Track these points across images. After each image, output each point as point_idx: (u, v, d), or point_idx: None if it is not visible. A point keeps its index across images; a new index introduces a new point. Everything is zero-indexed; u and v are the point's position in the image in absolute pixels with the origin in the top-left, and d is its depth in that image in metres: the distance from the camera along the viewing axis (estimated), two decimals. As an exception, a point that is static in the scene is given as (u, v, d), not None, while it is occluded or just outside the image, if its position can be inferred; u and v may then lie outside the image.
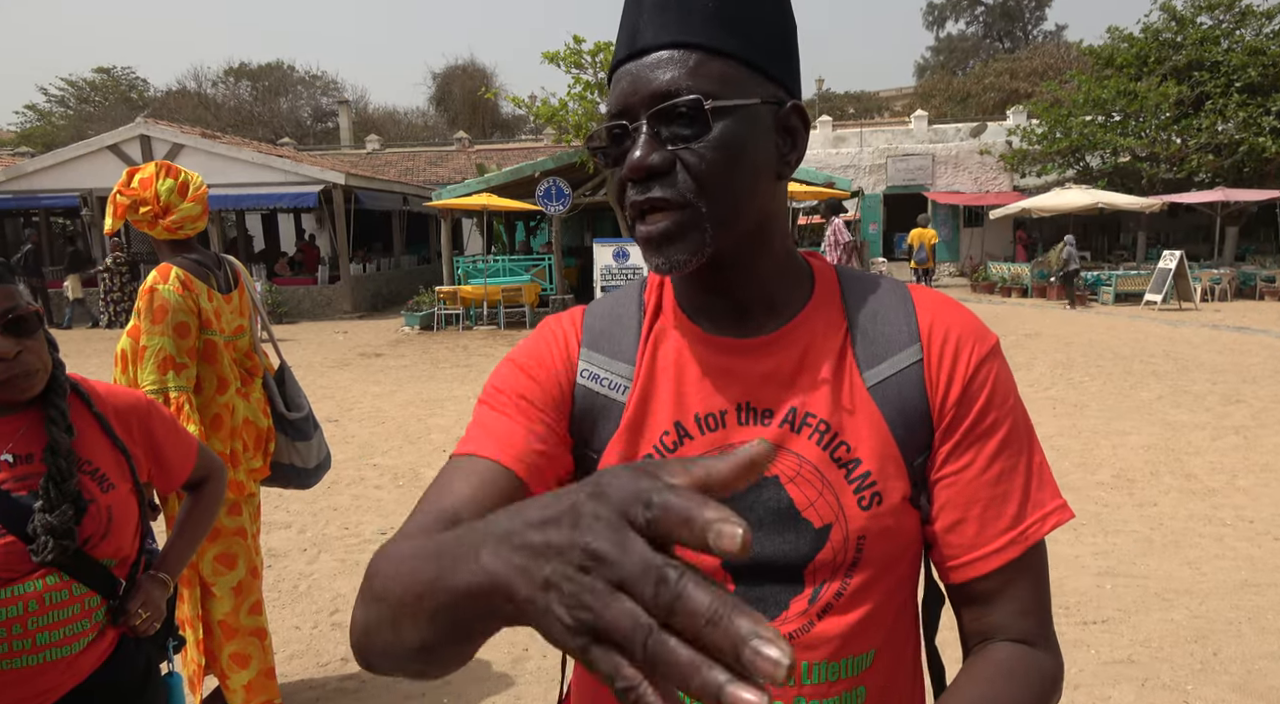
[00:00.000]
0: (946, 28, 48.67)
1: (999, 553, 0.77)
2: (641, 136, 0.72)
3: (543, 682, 3.05)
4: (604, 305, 0.91)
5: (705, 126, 0.72)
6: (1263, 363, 9.13)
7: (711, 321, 0.84)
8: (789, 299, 0.84)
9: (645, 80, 0.73)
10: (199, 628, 2.51)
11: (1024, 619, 0.78)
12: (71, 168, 17.13)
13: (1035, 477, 0.79)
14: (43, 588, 1.38)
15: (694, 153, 0.72)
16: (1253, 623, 3.32)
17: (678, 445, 0.80)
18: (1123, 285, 16.20)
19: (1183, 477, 5.25)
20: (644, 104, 0.73)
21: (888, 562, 0.79)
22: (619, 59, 0.76)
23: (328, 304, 17.18)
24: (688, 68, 0.72)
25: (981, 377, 0.79)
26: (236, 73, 39.35)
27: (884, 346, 0.81)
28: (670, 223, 0.73)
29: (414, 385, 9.14)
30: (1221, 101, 18.98)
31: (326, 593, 3.88)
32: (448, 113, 40.13)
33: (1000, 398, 0.79)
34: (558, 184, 14.10)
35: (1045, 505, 0.79)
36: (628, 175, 0.73)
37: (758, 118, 0.75)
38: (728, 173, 0.73)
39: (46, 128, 34.35)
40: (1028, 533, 0.77)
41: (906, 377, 0.79)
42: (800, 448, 0.78)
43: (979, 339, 0.81)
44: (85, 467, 1.46)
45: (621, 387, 0.84)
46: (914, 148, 25.09)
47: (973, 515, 0.77)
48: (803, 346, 0.81)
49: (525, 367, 0.85)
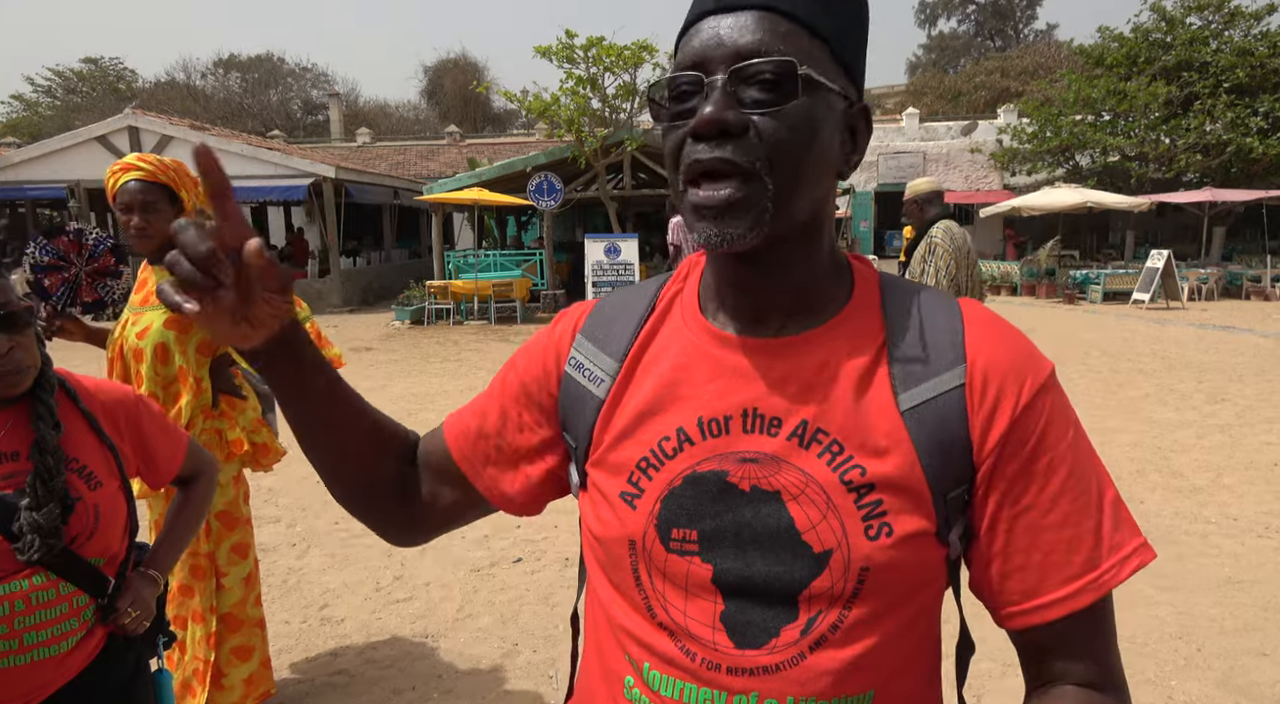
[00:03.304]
0: (938, 26, 48.82)
1: (1064, 601, 0.71)
2: (718, 92, 0.68)
3: (533, 676, 3.05)
4: (621, 294, 0.89)
5: (790, 95, 0.68)
6: (1248, 362, 9.21)
7: (731, 320, 0.79)
8: (823, 303, 0.78)
9: (732, 34, 0.69)
10: (211, 621, 2.48)
11: (1091, 665, 0.73)
12: (58, 159, 16.96)
13: (1109, 517, 0.72)
14: (29, 587, 1.37)
15: (773, 120, 0.68)
16: (1236, 619, 3.36)
17: (678, 451, 0.76)
18: (1111, 284, 16.31)
19: (1169, 474, 5.29)
20: (727, 59, 0.68)
21: (895, 597, 0.72)
22: (705, 9, 0.72)
23: (317, 298, 17.10)
24: (780, 33, 0.69)
25: (1035, 412, 0.72)
26: (226, 64, 39.09)
27: (926, 366, 0.73)
28: (734, 190, 0.68)
29: (404, 380, 9.11)
30: (1210, 102, 19.11)
31: (316, 587, 3.87)
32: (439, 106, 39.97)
33: (1057, 435, 0.72)
34: (549, 179, 14.07)
35: (1122, 548, 0.71)
36: (698, 128, 0.68)
37: (833, 105, 0.72)
38: (803, 149, 0.70)
39: (33, 118, 34.02)
40: (1102, 580, 0.71)
41: (947, 402, 0.72)
42: (807, 464, 0.72)
43: (1033, 370, 0.73)
44: (72, 464, 1.44)
45: (599, 380, 0.82)
46: (905, 145, 25.15)
47: (1034, 562, 0.71)
48: (826, 354, 0.75)
49: (523, 352, 0.93)
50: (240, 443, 2.51)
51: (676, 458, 0.76)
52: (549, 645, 3.27)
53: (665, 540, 0.75)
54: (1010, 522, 0.72)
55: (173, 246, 0.65)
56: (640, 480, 0.77)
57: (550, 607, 3.62)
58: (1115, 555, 0.71)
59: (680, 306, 0.84)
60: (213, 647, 2.49)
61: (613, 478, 0.79)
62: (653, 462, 0.77)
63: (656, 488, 0.76)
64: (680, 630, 0.74)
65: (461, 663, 3.18)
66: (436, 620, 3.53)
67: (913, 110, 25.98)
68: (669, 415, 0.78)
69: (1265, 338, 11.03)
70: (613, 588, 0.81)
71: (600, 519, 0.80)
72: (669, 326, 0.83)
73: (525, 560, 4.15)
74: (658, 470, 0.77)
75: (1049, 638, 0.73)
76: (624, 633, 0.79)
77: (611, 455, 0.80)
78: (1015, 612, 0.73)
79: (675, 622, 0.74)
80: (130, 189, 2.30)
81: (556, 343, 0.88)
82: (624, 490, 0.78)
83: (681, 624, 0.74)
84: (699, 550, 0.73)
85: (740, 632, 0.72)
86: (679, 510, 0.75)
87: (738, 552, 0.72)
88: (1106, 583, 0.71)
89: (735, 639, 0.72)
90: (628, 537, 0.77)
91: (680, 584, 0.74)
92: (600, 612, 0.83)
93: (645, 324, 0.83)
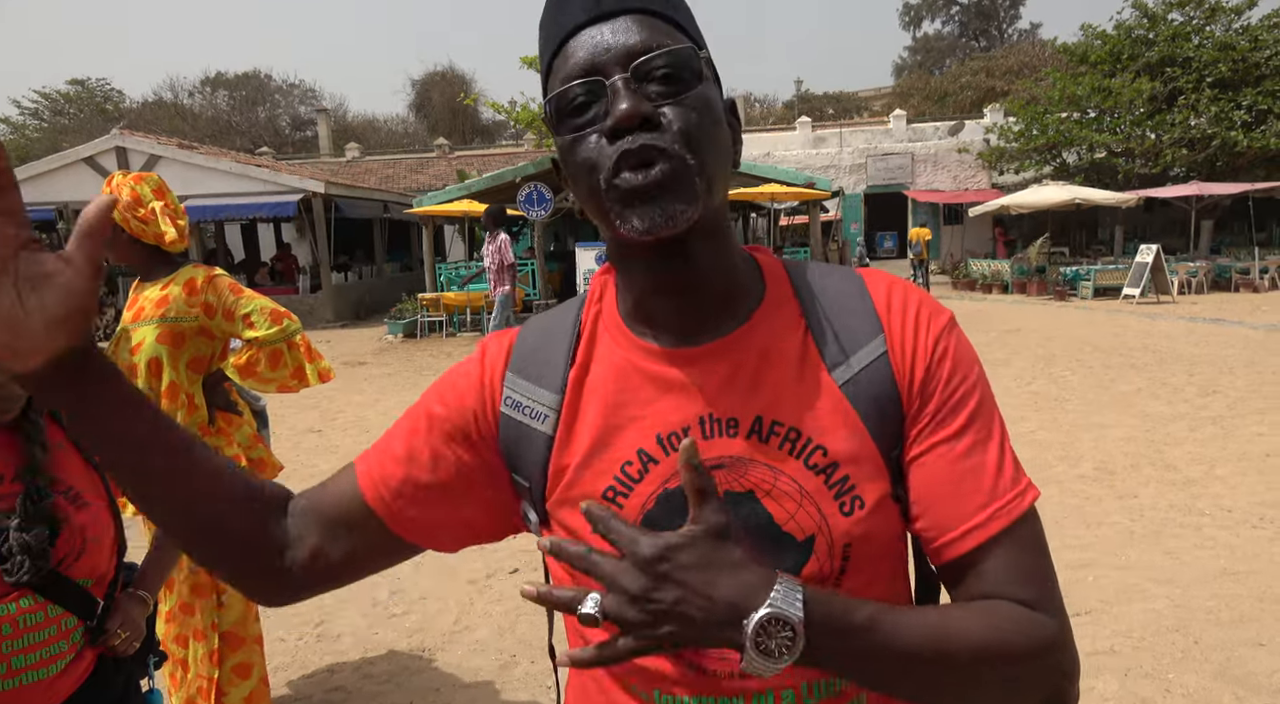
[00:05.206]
0: (923, 27, 49.14)
1: (981, 528, 0.72)
2: (626, 89, 0.69)
3: (530, 688, 3.04)
4: (539, 324, 0.87)
5: (690, 83, 0.72)
6: (1238, 354, 9.26)
7: (659, 331, 0.79)
8: (742, 299, 0.80)
9: (619, 37, 0.71)
10: (213, 638, 2.48)
11: (1022, 587, 0.71)
12: (46, 181, 16.94)
13: (1007, 452, 0.76)
14: (17, 611, 1.36)
15: (679, 107, 0.71)
16: (1232, 610, 3.37)
17: (644, 474, 0.76)
18: (1101, 280, 16.38)
19: (1162, 468, 5.31)
20: (621, 60, 0.70)
21: (876, 564, 0.76)
22: (578, 23, 0.73)
23: (310, 313, 17.07)
24: (662, 31, 0.72)
25: (941, 350, 0.76)
26: (213, 82, 39.11)
27: (849, 341, 0.77)
28: (667, 168, 0.69)
29: (398, 393, 9.09)
30: (1194, 96, 19.26)
31: (312, 604, 3.85)
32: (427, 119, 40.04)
33: (963, 374, 0.76)
34: (539, 189, 14.08)
35: (1020, 480, 0.75)
36: (620, 123, 0.69)
37: (717, 95, 0.76)
38: (712, 131, 0.73)
39: (20, 140, 33.92)
40: (1010, 507, 0.73)
41: (876, 369, 0.76)
42: (772, 459, 0.74)
43: (934, 314, 0.79)
44: (59, 487, 1.44)
45: (542, 416, 0.80)
46: (893, 147, 25.27)
47: (948, 493, 0.73)
48: (761, 349, 0.77)
49: (442, 389, 0.86)
50: (238, 459, 2.51)
51: (644, 480, 0.76)
52: (547, 656, 3.26)
53: None
54: (926, 455, 0.75)
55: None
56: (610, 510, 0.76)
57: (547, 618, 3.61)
58: (1016, 486, 0.74)
59: (605, 327, 0.83)
60: (216, 664, 2.49)
61: (579, 513, 0.77)
62: (620, 489, 0.76)
63: (630, 514, 0.75)
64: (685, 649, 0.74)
65: (459, 676, 3.17)
66: (433, 634, 3.52)
67: (900, 112, 26.13)
68: (625, 439, 0.77)
69: (1255, 330, 11.08)
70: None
71: None
72: (601, 349, 0.81)
73: (521, 570, 4.14)
74: (626, 497, 0.76)
75: (976, 566, 0.73)
76: (624, 670, 0.78)
77: (574, 491, 0.78)
78: (941, 544, 0.74)
79: None
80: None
81: (481, 381, 0.84)
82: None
83: None
84: None
85: None
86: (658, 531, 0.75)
87: None
88: (1013, 510, 0.73)
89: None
90: None
91: None
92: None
93: (576, 351, 0.82)
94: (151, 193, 2.44)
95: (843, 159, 25.20)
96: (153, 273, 2.50)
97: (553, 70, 0.75)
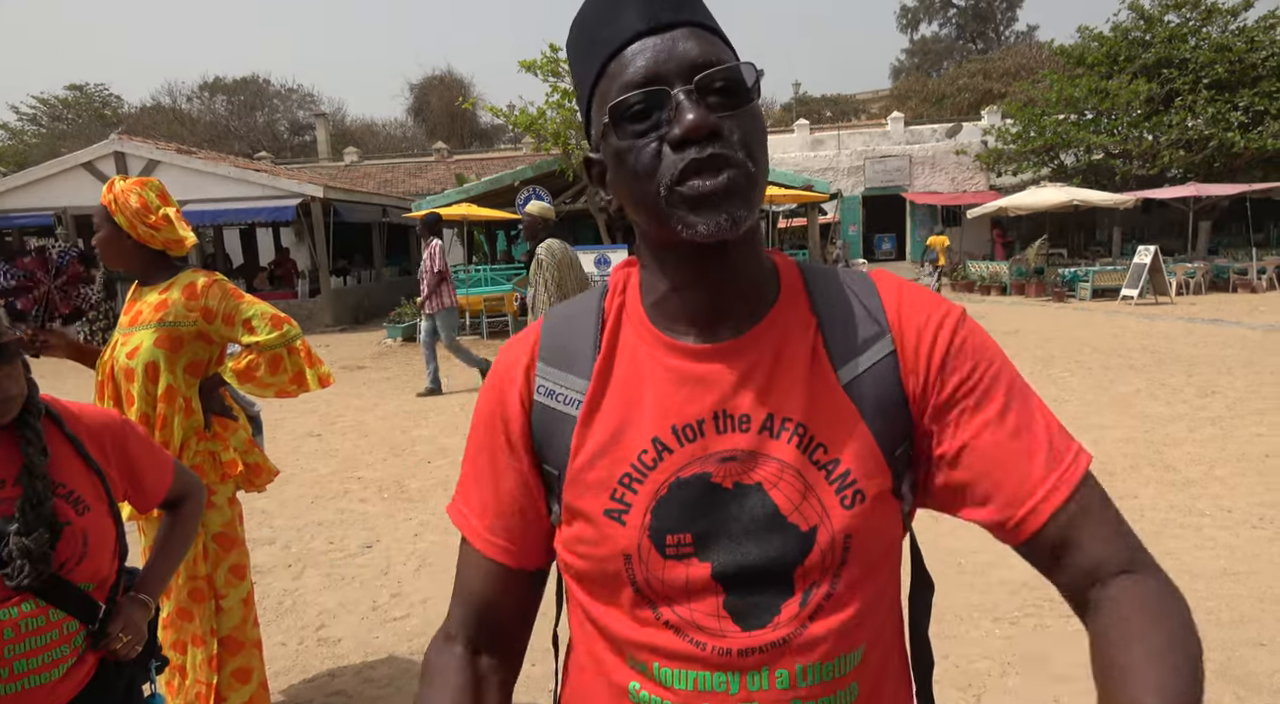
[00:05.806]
0: (920, 30, 49.24)
1: (1054, 492, 0.75)
2: (693, 100, 0.73)
3: (532, 690, 3.04)
4: (562, 312, 0.90)
5: (748, 97, 0.75)
6: (1236, 354, 9.27)
7: (681, 327, 0.82)
8: (760, 299, 0.83)
9: (680, 49, 0.74)
10: (212, 644, 2.48)
11: (1114, 545, 0.75)
12: (45, 186, 16.93)
13: (1054, 423, 0.79)
14: (18, 615, 1.36)
15: (737, 121, 0.74)
16: (1232, 610, 3.37)
17: (658, 462, 0.79)
18: (1099, 281, 16.41)
19: (1162, 468, 5.32)
20: (683, 72, 0.73)
21: (874, 557, 0.79)
22: (637, 31, 0.75)
23: (309, 318, 17.06)
24: (717, 45, 0.77)
25: (957, 343, 0.80)
26: (212, 87, 39.16)
27: (856, 342, 0.81)
28: (735, 175, 0.73)
29: (397, 397, 9.09)
30: (1191, 98, 19.30)
31: (312, 609, 3.85)
32: (426, 123, 40.09)
33: (988, 356, 0.80)
34: (538, 192, 14.11)
35: (1071, 445, 0.78)
36: (689, 133, 0.72)
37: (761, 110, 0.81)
38: (763, 144, 0.77)
39: (19, 146, 33.97)
40: (1067, 475, 0.76)
41: (881, 370, 0.80)
42: (780, 452, 0.77)
43: (947, 316, 0.82)
44: (59, 489, 1.44)
45: (576, 402, 0.83)
46: (891, 149, 25.31)
47: (1011, 467, 0.76)
48: (775, 348, 0.80)
49: (483, 418, 0.90)
50: (235, 463, 2.51)
51: (657, 468, 0.79)
52: (548, 658, 3.24)
53: (661, 547, 0.77)
54: (977, 441, 0.78)
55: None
56: (625, 496, 0.79)
57: (549, 619, 3.60)
58: (1070, 449, 0.78)
59: (629, 319, 0.85)
60: (214, 670, 2.48)
61: (594, 497, 0.80)
62: (635, 476, 0.79)
63: (643, 499, 0.79)
64: (687, 625, 0.77)
65: (460, 679, 3.16)
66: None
67: (897, 114, 26.18)
68: (642, 427, 0.80)
69: (1253, 330, 11.10)
70: (606, 605, 0.82)
71: (586, 541, 0.81)
72: (624, 340, 0.85)
73: (522, 574, 4.14)
74: (641, 483, 0.79)
75: (1058, 538, 0.76)
76: (625, 643, 0.80)
77: (590, 474, 0.81)
78: (1015, 523, 0.76)
79: (681, 618, 0.78)
80: (97, 207, 2.47)
81: (511, 382, 0.87)
82: (609, 508, 0.79)
83: (688, 619, 0.77)
84: (695, 551, 0.77)
85: (744, 616, 0.77)
86: (670, 517, 0.78)
87: (732, 545, 0.77)
88: (1075, 471, 0.77)
89: (741, 623, 0.76)
90: (621, 552, 0.79)
91: (681, 585, 0.77)
92: (592, 629, 0.84)
93: (602, 339, 0.85)
94: (157, 198, 2.45)
95: (841, 161, 25.24)
96: (152, 277, 2.50)
97: (605, 75, 0.77)
